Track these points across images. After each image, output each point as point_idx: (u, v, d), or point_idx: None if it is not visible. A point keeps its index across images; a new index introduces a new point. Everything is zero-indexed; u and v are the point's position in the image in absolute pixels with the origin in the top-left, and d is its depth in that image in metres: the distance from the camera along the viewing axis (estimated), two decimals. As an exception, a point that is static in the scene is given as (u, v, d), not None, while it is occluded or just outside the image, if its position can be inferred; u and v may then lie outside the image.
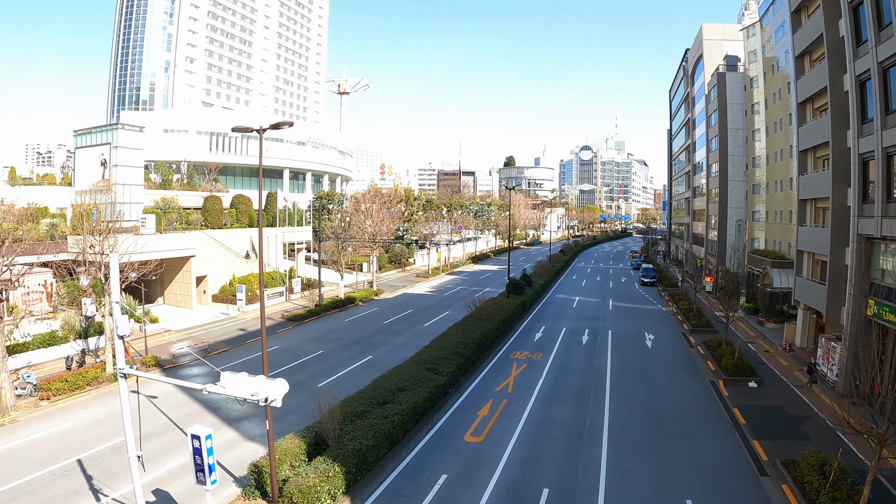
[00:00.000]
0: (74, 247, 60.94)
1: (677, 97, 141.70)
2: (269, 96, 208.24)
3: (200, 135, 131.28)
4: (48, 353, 51.86)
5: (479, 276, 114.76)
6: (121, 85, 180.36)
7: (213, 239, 77.16)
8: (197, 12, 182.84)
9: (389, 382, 38.05)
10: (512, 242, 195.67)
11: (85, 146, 78.72)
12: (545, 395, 42.37)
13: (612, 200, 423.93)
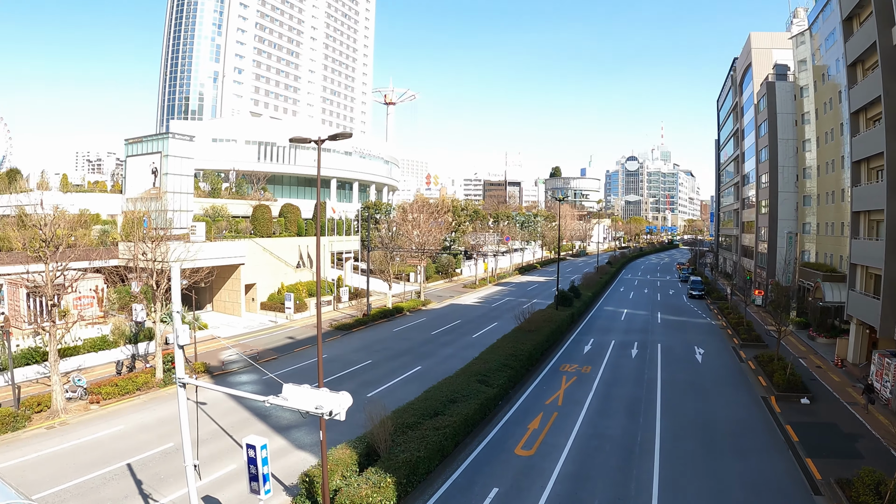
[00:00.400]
0: (126, 253, 61.42)
1: (725, 107, 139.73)
2: (317, 106, 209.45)
3: (249, 144, 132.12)
4: (98, 357, 52.42)
5: (526, 288, 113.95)
6: (170, 95, 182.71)
7: (262, 247, 77.38)
8: (245, 24, 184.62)
9: (440, 394, 37.61)
10: (560, 253, 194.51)
11: (136, 154, 79.53)
12: (595, 408, 41.63)
13: (658, 212, 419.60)
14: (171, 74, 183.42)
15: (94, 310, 58.50)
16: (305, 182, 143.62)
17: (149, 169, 77.65)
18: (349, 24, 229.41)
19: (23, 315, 54.42)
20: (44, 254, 39.17)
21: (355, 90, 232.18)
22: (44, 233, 39.17)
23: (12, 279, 57.05)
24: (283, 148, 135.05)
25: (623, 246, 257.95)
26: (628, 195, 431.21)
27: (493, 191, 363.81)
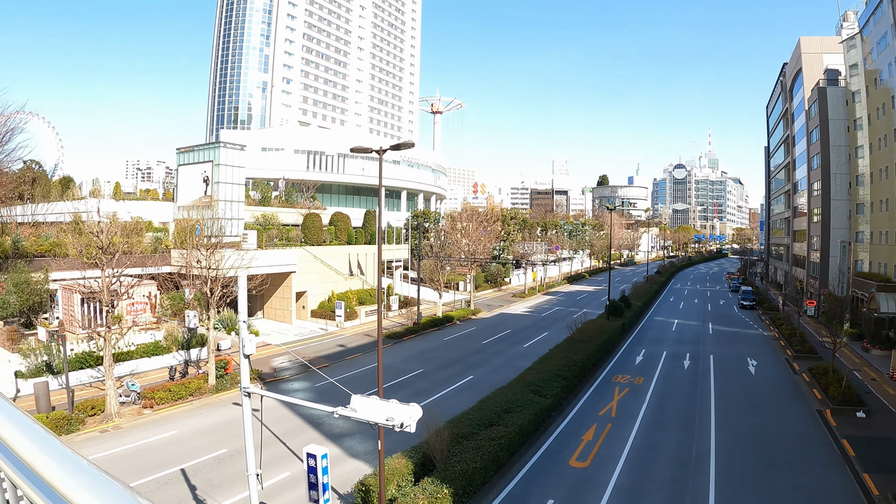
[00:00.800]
0: (179, 260, 61.96)
1: (775, 113, 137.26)
2: (364, 116, 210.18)
3: (297, 153, 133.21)
4: (151, 363, 53.03)
5: (575, 297, 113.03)
6: (219, 105, 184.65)
7: (312, 255, 77.66)
8: (293, 34, 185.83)
9: (494, 404, 37.23)
10: (610, 263, 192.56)
11: (187, 163, 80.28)
12: (649, 420, 40.96)
13: (706, 220, 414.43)
14: (220, 85, 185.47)
15: (147, 316, 59.04)
16: (354, 191, 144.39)
17: (200, 178, 78.27)
18: (396, 34, 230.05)
19: (77, 320, 54.96)
20: (100, 260, 39.45)
21: (402, 99, 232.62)
22: (100, 240, 39.43)
23: (67, 284, 57.69)
24: (331, 157, 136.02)
25: (671, 255, 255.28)
26: (676, 203, 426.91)
27: (539, 199, 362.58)
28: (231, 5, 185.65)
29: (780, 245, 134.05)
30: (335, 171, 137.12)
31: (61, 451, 2.40)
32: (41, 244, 63.77)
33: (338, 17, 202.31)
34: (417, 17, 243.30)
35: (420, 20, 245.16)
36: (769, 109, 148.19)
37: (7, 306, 55.41)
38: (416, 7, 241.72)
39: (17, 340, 52.85)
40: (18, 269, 56.90)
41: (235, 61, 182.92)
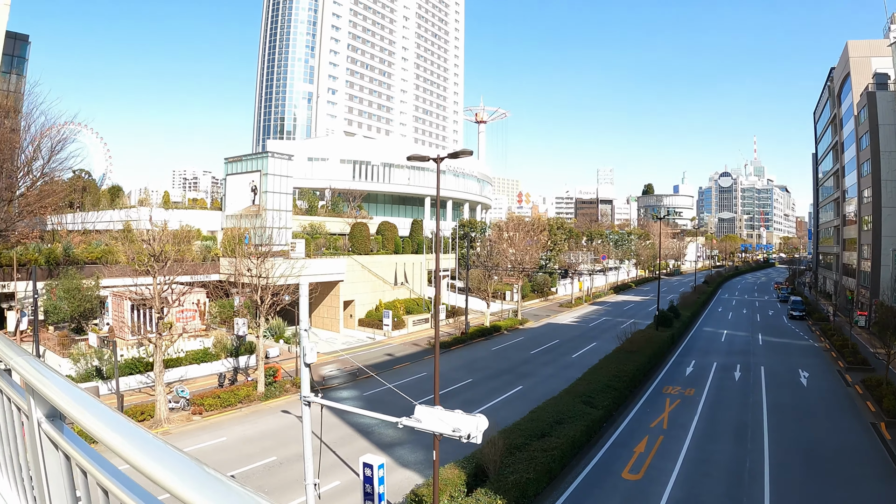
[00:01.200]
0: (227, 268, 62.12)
1: (823, 119, 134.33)
2: (409, 126, 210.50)
3: (343, 163, 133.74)
4: (200, 369, 53.45)
5: (622, 307, 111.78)
6: (265, 115, 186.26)
7: (360, 265, 77.63)
8: (337, 45, 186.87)
9: (546, 414, 36.88)
10: (656, 272, 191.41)
11: (235, 173, 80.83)
12: (701, 432, 40.19)
13: (752, 229, 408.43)
14: (266, 96, 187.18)
15: (196, 323, 59.32)
16: (399, 200, 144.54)
17: (248, 187, 78.78)
18: (439, 44, 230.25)
19: (127, 326, 55.34)
20: (152, 268, 39.58)
21: (447, 109, 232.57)
22: (152, 248, 39.58)
23: (117, 291, 58.15)
24: (376, 166, 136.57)
25: (717, 265, 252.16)
26: (722, 212, 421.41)
27: (584, 209, 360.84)
28: (276, 18, 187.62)
29: (829, 254, 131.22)
30: (380, 180, 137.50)
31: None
32: (91, 251, 64.43)
33: (382, 28, 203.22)
34: (461, 27, 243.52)
35: (463, 30, 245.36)
36: (816, 115, 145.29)
37: (58, 312, 56.03)
38: (459, 17, 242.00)
39: (68, 345, 53.35)
40: (70, 276, 57.52)
41: (281, 72, 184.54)
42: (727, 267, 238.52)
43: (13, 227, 54.70)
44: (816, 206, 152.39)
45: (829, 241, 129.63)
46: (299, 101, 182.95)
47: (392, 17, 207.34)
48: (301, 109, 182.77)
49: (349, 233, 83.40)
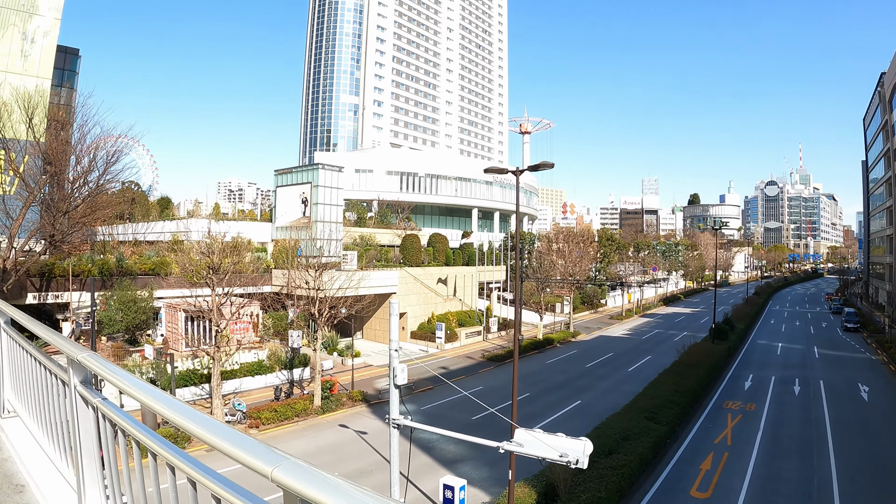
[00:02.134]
0: (280, 280, 61.97)
1: (873, 125, 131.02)
2: (455, 137, 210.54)
3: (390, 175, 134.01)
4: (254, 382, 53.20)
5: (673, 320, 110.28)
6: (312, 127, 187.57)
7: (413, 277, 77.22)
8: (382, 58, 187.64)
9: (611, 431, 36.47)
10: (704, 284, 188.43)
11: (285, 185, 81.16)
12: (766, 448, 39.47)
13: (799, 239, 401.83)
14: (312, 108, 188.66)
15: (250, 335, 59.17)
16: (446, 212, 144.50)
17: (299, 199, 79.01)
18: (483, 55, 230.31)
19: (181, 338, 55.34)
20: (210, 280, 39.34)
21: (492, 120, 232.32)
22: (211, 259, 39.36)
23: (171, 303, 58.28)
24: (422, 178, 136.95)
25: (766, 275, 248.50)
26: (768, 222, 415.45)
27: (629, 219, 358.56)
28: (321, 31, 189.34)
29: (882, 264, 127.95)
30: (427, 191, 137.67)
31: None
32: (144, 263, 64.73)
33: (426, 40, 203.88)
34: (504, 38, 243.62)
35: (506, 41, 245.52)
36: (866, 122, 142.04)
37: (113, 323, 56.19)
38: (502, 27, 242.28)
39: (123, 356, 53.40)
40: (123, 287, 57.73)
41: (327, 85, 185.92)
42: (776, 277, 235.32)
43: (67, 238, 55.00)
44: (867, 214, 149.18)
45: (881, 251, 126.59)
46: (345, 112, 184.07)
47: (436, 28, 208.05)
48: (347, 121, 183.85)
49: (401, 245, 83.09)
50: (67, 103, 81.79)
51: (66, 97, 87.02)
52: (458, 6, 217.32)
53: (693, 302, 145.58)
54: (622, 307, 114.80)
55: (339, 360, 62.08)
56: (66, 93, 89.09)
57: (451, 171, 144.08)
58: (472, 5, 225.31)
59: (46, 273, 57.79)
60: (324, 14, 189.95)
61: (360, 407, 47.62)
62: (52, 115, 63.13)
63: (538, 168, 25.11)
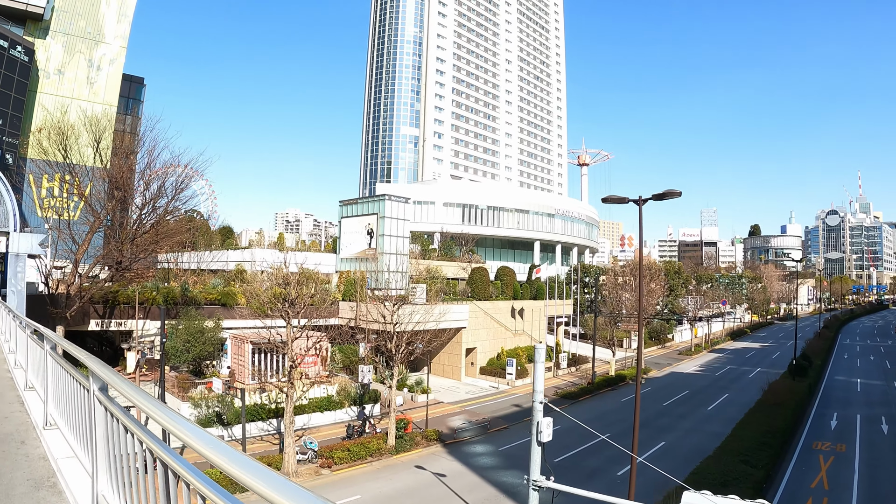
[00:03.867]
0: (348, 312, 60.78)
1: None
2: (514, 169, 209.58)
3: (450, 207, 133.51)
4: (323, 418, 51.96)
5: (743, 355, 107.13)
6: (372, 158, 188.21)
7: (483, 311, 75.55)
8: (442, 90, 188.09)
9: (709, 476, 35.33)
10: (769, 317, 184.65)
11: (350, 216, 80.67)
12: (865, 494, 37.43)
13: (861, 269, 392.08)
14: (372, 139, 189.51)
15: (318, 368, 57.89)
16: (508, 244, 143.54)
17: (364, 230, 78.38)
18: (542, 86, 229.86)
19: (247, 370, 54.24)
20: (286, 313, 38.13)
21: (551, 151, 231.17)
22: (287, 291, 38.18)
23: (237, 334, 57.28)
24: (483, 210, 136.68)
25: (830, 308, 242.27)
26: (829, 252, 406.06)
27: (688, 251, 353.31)
28: (381, 63, 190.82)
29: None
30: (488, 224, 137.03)
31: None
32: (210, 292, 63.92)
33: (485, 72, 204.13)
34: (562, 69, 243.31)
35: (564, 72, 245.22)
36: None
37: (179, 354, 55.29)
38: (560, 59, 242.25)
39: (188, 388, 52.36)
40: (190, 317, 56.92)
41: (387, 116, 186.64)
42: (841, 310, 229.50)
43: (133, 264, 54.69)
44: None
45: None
46: (405, 144, 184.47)
47: (495, 60, 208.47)
48: (407, 153, 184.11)
49: (469, 278, 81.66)
50: (132, 130, 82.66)
51: (132, 124, 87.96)
52: (516, 38, 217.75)
53: (760, 336, 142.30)
54: (690, 342, 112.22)
55: (408, 396, 60.58)
56: (132, 120, 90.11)
57: (512, 203, 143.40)
58: (530, 37, 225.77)
59: (110, 300, 57.29)
60: (383, 46, 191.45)
61: (436, 447, 45.96)
62: (117, 141, 63.35)
63: (664, 197, 23.50)
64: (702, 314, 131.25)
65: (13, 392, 12.40)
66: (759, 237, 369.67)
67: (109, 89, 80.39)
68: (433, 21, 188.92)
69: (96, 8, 79.84)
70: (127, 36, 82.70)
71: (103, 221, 54.52)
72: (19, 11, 72.34)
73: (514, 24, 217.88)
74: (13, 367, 14.99)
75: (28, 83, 72.25)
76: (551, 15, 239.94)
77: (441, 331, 56.61)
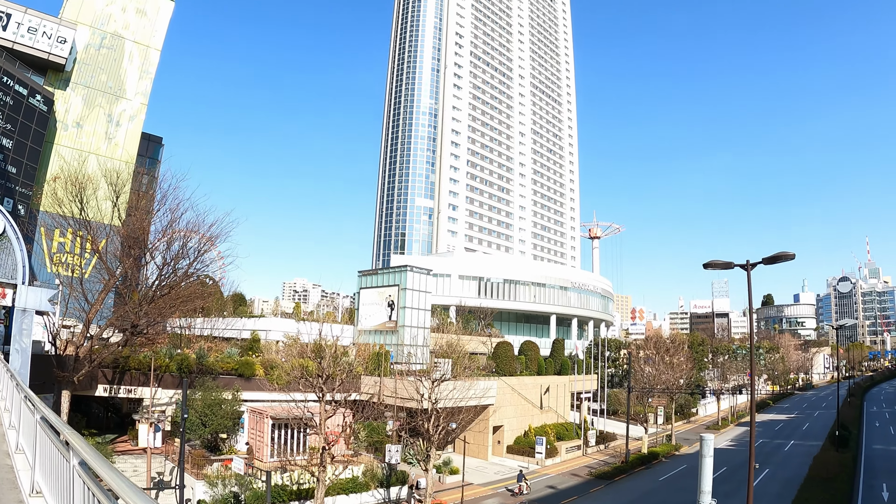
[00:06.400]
0: (371, 387, 58.47)
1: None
2: (528, 242, 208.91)
3: (466, 279, 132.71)
4: (348, 501, 49.08)
5: (773, 427, 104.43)
6: (386, 229, 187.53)
7: (510, 387, 72.92)
8: (457, 161, 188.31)
9: None
10: (787, 387, 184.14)
11: (369, 287, 79.28)
12: None
13: (875, 335, 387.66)
14: (386, 211, 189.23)
15: (341, 446, 55.26)
16: (523, 318, 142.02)
17: (384, 301, 76.85)
18: (555, 159, 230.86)
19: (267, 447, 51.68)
20: (321, 389, 35.85)
21: (564, 224, 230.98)
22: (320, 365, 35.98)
23: (255, 407, 54.82)
24: (499, 283, 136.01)
25: (848, 375, 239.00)
26: (842, 319, 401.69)
27: (700, 323, 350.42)
28: (396, 134, 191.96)
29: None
30: (504, 297, 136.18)
31: None
32: (227, 361, 61.29)
33: (499, 144, 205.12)
34: (574, 142, 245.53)
35: (577, 144, 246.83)
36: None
37: (195, 427, 52.38)
38: (572, 132, 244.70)
39: (203, 465, 49.61)
40: (207, 388, 54.42)
41: (402, 188, 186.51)
42: (860, 377, 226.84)
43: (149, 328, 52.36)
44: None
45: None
46: (420, 216, 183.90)
47: (509, 132, 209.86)
48: (421, 224, 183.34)
49: (494, 353, 79.36)
50: (148, 189, 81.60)
51: (148, 183, 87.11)
52: (530, 110, 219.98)
53: (784, 407, 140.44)
54: (717, 416, 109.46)
55: (436, 476, 57.79)
56: (148, 179, 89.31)
57: (528, 276, 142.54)
58: (543, 109, 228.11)
59: (120, 364, 55.11)
60: (399, 117, 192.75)
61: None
62: (134, 199, 61.62)
63: (775, 260, 21.66)
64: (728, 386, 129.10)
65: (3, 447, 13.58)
66: (772, 307, 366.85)
67: (128, 145, 79.83)
68: (448, 93, 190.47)
69: (119, 63, 79.72)
70: (148, 93, 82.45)
71: (118, 280, 52.54)
72: (41, 60, 72.04)
73: (528, 97, 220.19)
74: (7, 428, 15.60)
75: (45, 134, 71.29)
76: (563, 88, 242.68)
77: (470, 408, 53.99)
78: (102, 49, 78.17)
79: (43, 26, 71.35)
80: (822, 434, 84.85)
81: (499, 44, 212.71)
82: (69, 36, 72.90)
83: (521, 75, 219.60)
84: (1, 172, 63.41)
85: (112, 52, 78.96)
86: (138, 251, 53.28)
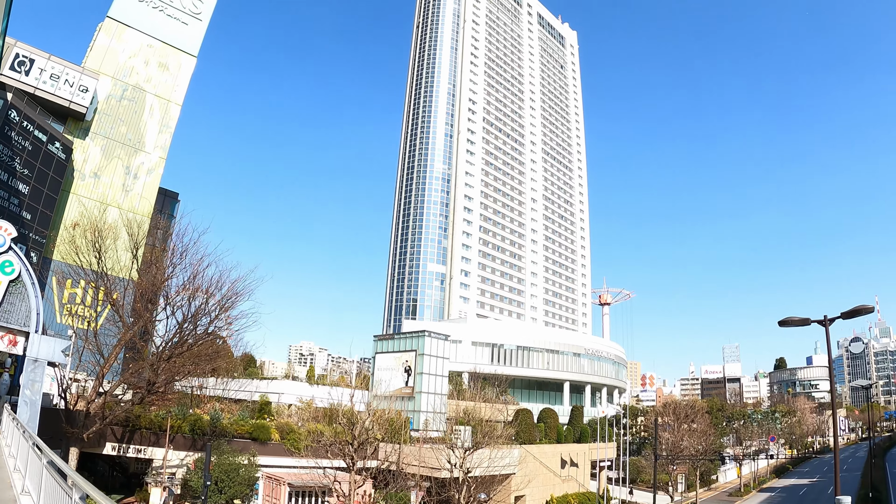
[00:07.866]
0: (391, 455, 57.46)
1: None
2: (539, 308, 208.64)
3: (479, 346, 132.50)
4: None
5: (796, 493, 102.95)
6: (398, 295, 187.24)
7: (532, 455, 71.58)
8: (470, 227, 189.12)
9: None
10: (805, 451, 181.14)
11: (385, 351, 79.02)
12: None
13: (889, 395, 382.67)
14: (398, 276, 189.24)
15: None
16: (536, 385, 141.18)
17: (401, 367, 76.35)
18: (566, 225, 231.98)
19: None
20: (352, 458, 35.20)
21: (575, 291, 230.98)
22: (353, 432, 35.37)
23: (271, 473, 53.77)
24: (512, 350, 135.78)
25: (864, 437, 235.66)
26: (856, 379, 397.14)
27: (711, 389, 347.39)
28: (409, 200, 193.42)
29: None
30: (518, 364, 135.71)
31: None
32: (242, 424, 60.11)
33: (511, 210, 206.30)
34: (585, 208, 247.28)
35: (588, 210, 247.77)
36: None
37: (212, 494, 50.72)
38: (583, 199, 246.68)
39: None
40: (222, 451, 53.20)
41: (414, 253, 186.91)
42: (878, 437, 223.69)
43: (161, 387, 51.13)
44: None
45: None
46: (432, 282, 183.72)
47: (521, 199, 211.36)
48: (433, 290, 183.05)
49: (514, 420, 78.35)
50: (163, 245, 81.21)
51: (163, 238, 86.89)
52: (541, 177, 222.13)
53: (804, 472, 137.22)
54: (739, 482, 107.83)
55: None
56: (163, 234, 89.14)
57: (541, 343, 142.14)
58: (554, 175, 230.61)
59: (131, 423, 53.87)
60: (411, 182, 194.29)
61: None
62: (147, 254, 61.07)
63: (854, 314, 21.42)
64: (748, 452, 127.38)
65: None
66: (785, 370, 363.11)
67: (145, 199, 79.50)
68: (461, 158, 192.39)
69: (139, 116, 79.84)
70: (167, 147, 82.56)
71: (135, 334, 51.52)
72: (61, 108, 72.06)
73: (539, 163, 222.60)
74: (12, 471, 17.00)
75: (62, 182, 71.05)
76: (574, 153, 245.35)
77: (493, 477, 52.90)
78: (123, 101, 78.37)
79: (65, 74, 71.50)
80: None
81: (511, 110, 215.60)
82: (91, 85, 73.03)
83: (533, 141, 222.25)
84: (15, 218, 62.75)
85: (133, 104, 79.16)
86: (154, 306, 52.56)
